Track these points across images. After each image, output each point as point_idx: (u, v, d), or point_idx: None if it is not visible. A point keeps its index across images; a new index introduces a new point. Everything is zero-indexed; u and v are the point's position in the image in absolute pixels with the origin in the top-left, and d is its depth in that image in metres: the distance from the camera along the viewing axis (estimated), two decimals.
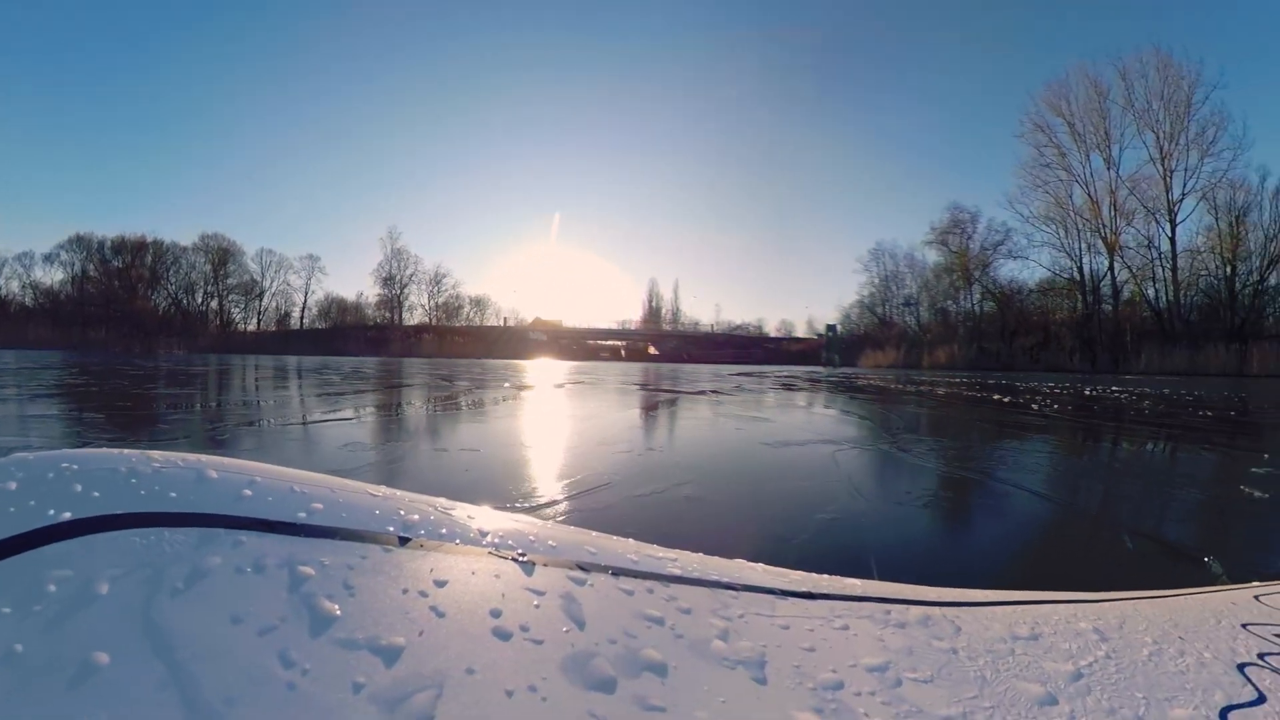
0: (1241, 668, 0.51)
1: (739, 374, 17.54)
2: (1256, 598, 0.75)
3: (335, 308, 57.41)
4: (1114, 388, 11.59)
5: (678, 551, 0.61)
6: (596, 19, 79.20)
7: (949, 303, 41.74)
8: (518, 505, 1.68)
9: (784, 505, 2.10)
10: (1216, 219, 30.04)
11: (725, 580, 0.54)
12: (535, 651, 0.37)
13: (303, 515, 0.43)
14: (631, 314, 65.01)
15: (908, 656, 0.46)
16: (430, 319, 56.71)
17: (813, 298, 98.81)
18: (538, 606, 0.42)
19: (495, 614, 0.40)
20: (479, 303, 58.07)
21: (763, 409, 6.38)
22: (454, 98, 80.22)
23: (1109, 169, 33.70)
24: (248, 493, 0.44)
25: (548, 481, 2.34)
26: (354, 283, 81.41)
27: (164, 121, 67.92)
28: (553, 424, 4.83)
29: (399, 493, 0.56)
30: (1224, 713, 0.44)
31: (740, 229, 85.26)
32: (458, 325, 57.21)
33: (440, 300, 56.64)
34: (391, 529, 0.46)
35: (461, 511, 0.55)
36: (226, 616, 0.32)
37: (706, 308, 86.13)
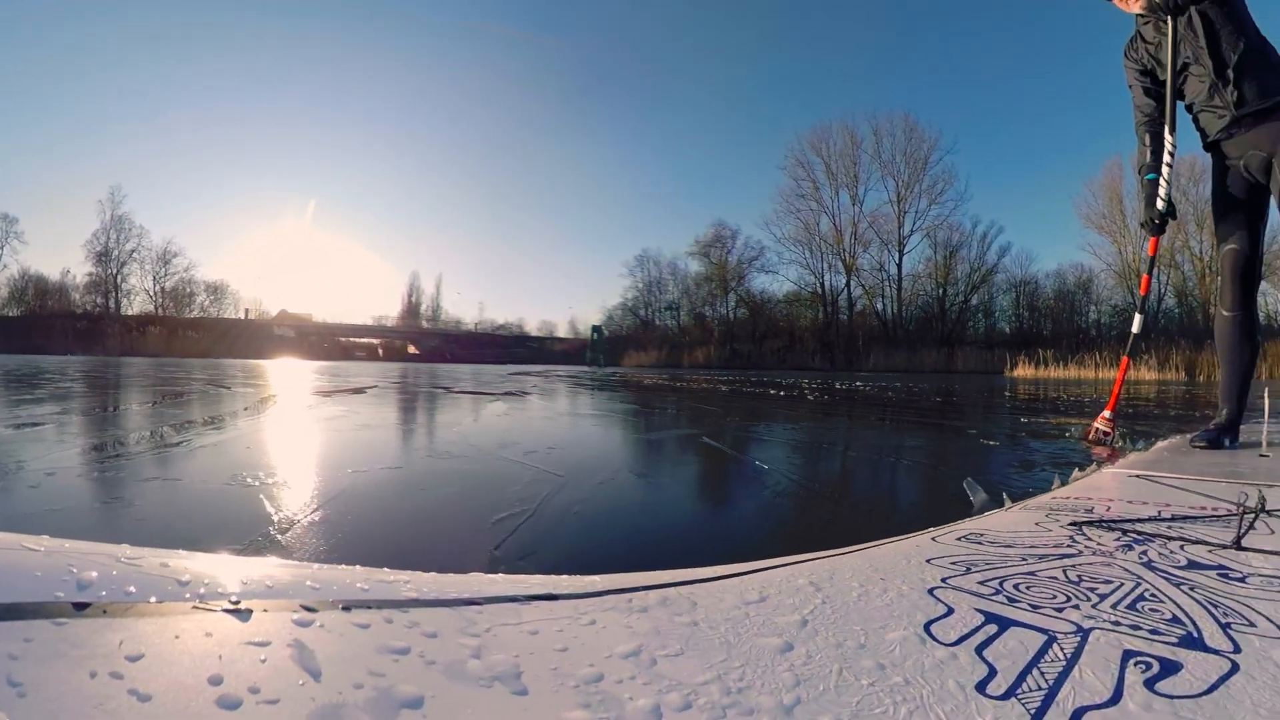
0: (931, 591, 0.63)
1: (517, 373, 17.45)
2: (933, 539, 0.90)
3: (33, 289, 44.71)
4: (857, 382, 13.85)
5: (410, 573, 0.60)
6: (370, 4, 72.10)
7: (706, 308, 46.84)
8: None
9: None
10: (935, 252, 40.18)
11: (467, 596, 0.54)
12: (273, 714, 0.34)
13: None
14: (390, 310, 60.30)
15: (656, 637, 0.49)
16: (155, 307, 46.32)
17: (575, 299, 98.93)
18: (264, 661, 0.38)
19: (215, 681, 0.35)
20: (216, 290, 48.87)
21: (600, 404, 6.31)
22: (204, 34, 65.04)
23: (854, 205, 41.97)
24: None
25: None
26: (66, 258, 61.32)
27: None
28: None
29: (66, 543, 0.47)
30: (926, 625, 0.54)
31: (506, 228, 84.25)
32: (189, 317, 47.43)
33: (168, 285, 46.52)
34: (61, 594, 0.39)
35: (153, 560, 0.48)
36: None
37: (469, 306, 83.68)
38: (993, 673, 0.46)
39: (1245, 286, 2.04)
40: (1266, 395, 2.15)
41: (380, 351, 55.02)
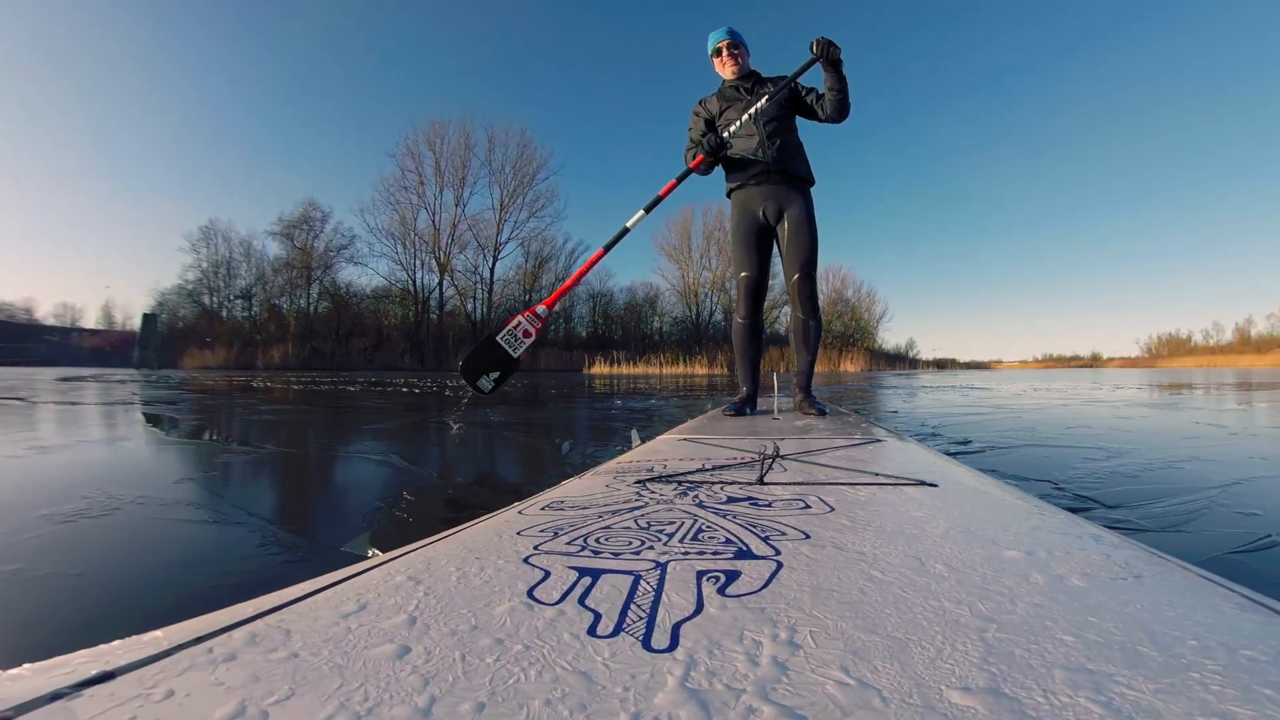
0: (526, 560, 0.67)
1: (62, 380, 12.63)
2: (519, 512, 0.94)
3: None
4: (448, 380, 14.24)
5: None
6: None
7: (285, 299, 41.14)
8: None
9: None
10: (527, 261, 44.09)
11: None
12: None
13: None
14: None
15: (257, 684, 0.43)
16: None
17: (114, 275, 72.00)
18: None
19: None
20: None
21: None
22: None
23: (457, 206, 42.67)
24: None
25: None
26: None
27: None
28: None
29: None
30: (529, 591, 0.57)
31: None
32: None
33: None
34: None
35: None
36: None
37: None
38: (598, 617, 0.51)
39: (755, 302, 2.82)
40: (775, 378, 2.95)
41: None
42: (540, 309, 2.50)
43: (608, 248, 2.67)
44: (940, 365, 78.13)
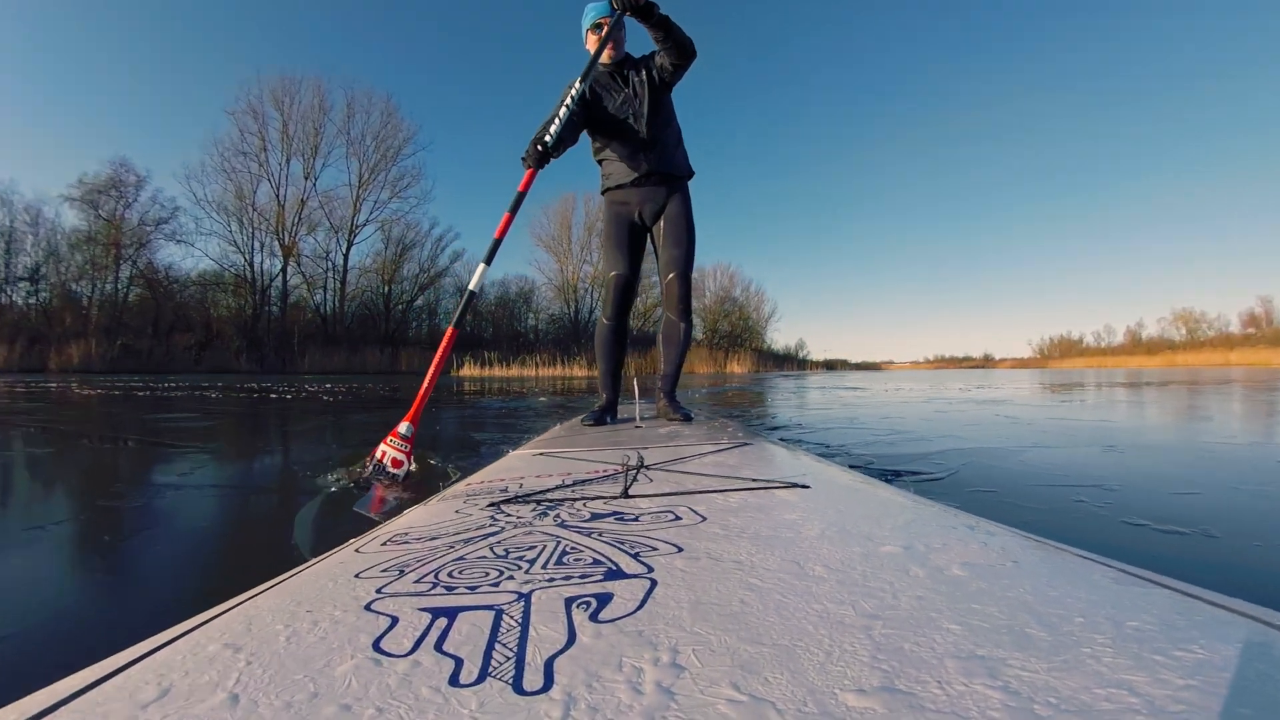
0: (369, 606, 0.61)
1: None
2: (356, 550, 0.87)
3: None
4: (309, 385, 13.03)
5: None
6: None
7: (84, 284, 34.92)
8: None
9: None
10: (387, 247, 40.34)
11: None
12: None
13: None
14: None
15: None
16: None
17: None
18: None
19: None
20: None
21: None
22: None
23: (306, 179, 38.28)
24: None
25: None
26: None
27: None
28: None
29: None
30: (376, 644, 0.53)
31: None
32: None
33: None
34: None
35: None
36: None
37: None
38: (460, 663, 0.48)
39: (622, 304, 2.80)
40: (635, 383, 2.99)
41: None
42: (403, 427, 2.27)
43: (457, 324, 2.51)
44: (830, 366, 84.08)
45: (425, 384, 2.40)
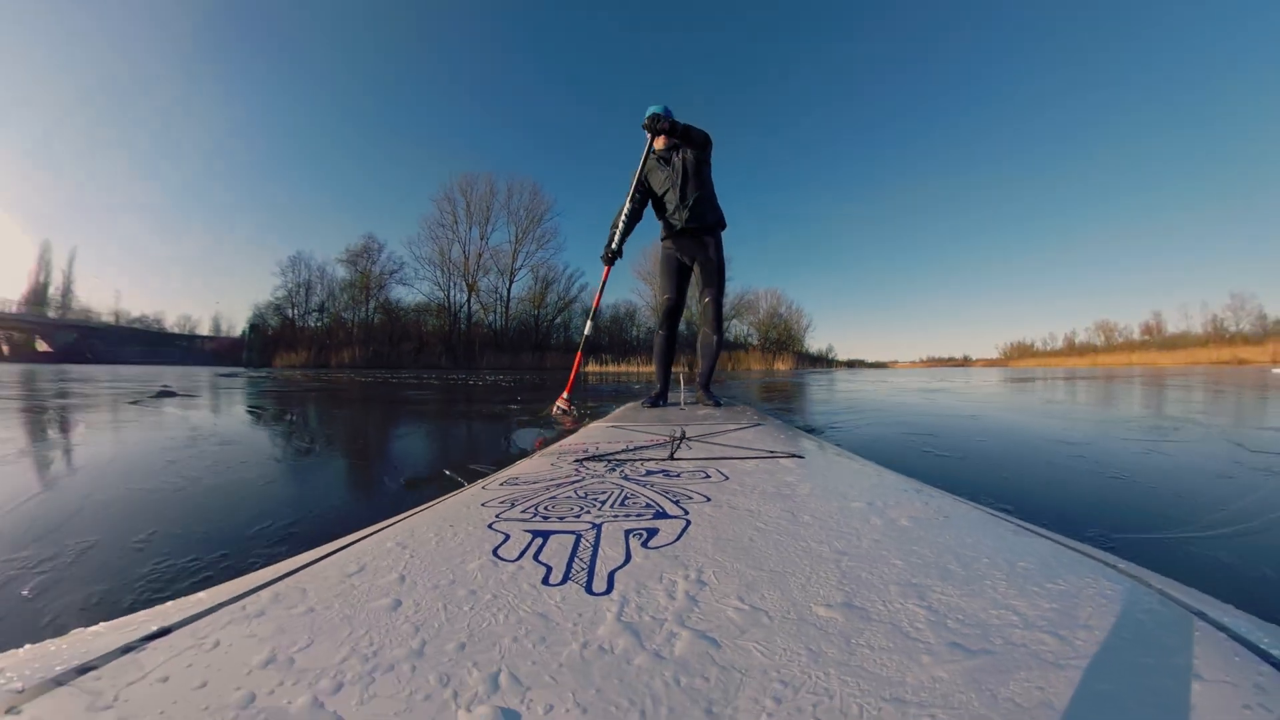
0: (490, 525, 0.63)
1: (223, 375, 12.36)
2: (483, 488, 0.87)
3: None
4: (488, 376, 14.12)
5: None
6: None
7: (348, 312, 42.08)
8: None
9: None
10: (535, 283, 44.49)
11: (78, 664, 0.37)
12: None
13: None
14: (6, 292, 35.58)
15: (283, 635, 0.40)
16: None
17: (222, 293, 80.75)
18: None
19: None
20: None
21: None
22: None
23: (481, 239, 43.58)
24: None
25: None
26: None
27: None
28: None
29: None
30: (494, 551, 0.54)
31: (156, 203, 60.42)
32: None
33: None
34: None
35: None
36: None
37: (105, 293, 57.03)
38: (549, 570, 0.49)
39: (672, 321, 2.84)
40: (682, 379, 3.00)
41: (4, 349, 31.26)
42: (565, 395, 2.82)
43: (584, 350, 2.90)
44: (851, 365, 79.60)
45: (572, 374, 2.93)
